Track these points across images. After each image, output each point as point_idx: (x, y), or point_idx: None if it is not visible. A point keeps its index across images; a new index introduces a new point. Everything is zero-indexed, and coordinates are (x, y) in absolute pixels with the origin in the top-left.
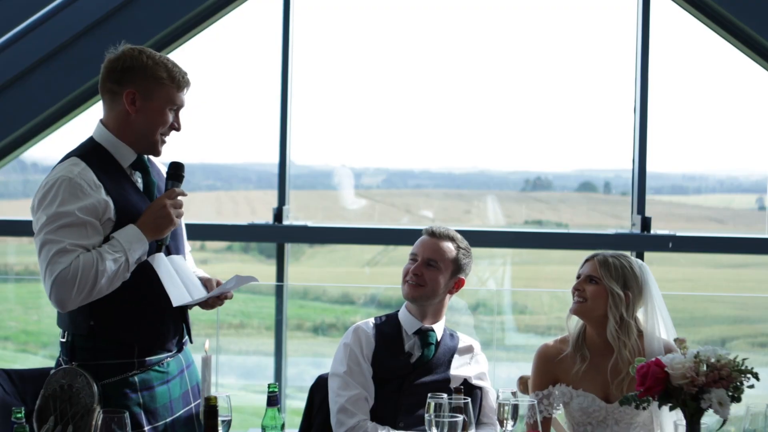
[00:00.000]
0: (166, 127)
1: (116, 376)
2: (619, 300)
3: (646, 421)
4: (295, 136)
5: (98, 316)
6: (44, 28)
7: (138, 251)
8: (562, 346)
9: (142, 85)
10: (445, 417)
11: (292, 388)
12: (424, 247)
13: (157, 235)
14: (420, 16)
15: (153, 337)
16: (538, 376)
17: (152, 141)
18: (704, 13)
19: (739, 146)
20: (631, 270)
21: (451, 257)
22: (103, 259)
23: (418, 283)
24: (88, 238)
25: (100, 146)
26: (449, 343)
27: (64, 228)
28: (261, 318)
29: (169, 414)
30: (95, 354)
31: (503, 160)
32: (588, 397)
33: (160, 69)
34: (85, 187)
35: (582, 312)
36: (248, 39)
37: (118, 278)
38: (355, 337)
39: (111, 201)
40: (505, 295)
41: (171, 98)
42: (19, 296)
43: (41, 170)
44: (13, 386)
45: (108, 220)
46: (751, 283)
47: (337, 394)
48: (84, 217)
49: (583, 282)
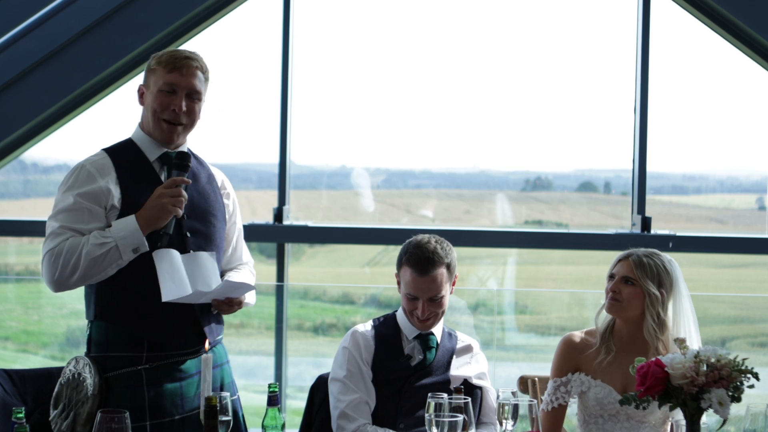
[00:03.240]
0: (165, 110)
1: (123, 368)
2: (656, 299)
3: (657, 422)
4: (295, 136)
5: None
6: (44, 28)
7: (129, 240)
8: (589, 338)
9: (144, 78)
10: (445, 417)
11: (292, 388)
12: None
13: (153, 224)
14: (421, 17)
15: (162, 332)
16: (559, 362)
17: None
18: (704, 13)
19: (740, 146)
20: (663, 268)
21: (446, 277)
22: (88, 243)
23: (428, 318)
24: (84, 222)
25: (132, 142)
26: (448, 345)
27: (63, 212)
28: (261, 318)
29: (177, 412)
30: (107, 347)
31: (503, 160)
32: (606, 388)
33: (154, 59)
34: (93, 173)
35: (617, 311)
36: (248, 39)
37: (108, 264)
38: (354, 341)
39: (119, 190)
40: (506, 294)
41: (160, 80)
42: (19, 296)
43: (41, 170)
44: (14, 386)
45: (112, 208)
46: (752, 283)
47: (338, 399)
48: (83, 202)
49: (618, 283)
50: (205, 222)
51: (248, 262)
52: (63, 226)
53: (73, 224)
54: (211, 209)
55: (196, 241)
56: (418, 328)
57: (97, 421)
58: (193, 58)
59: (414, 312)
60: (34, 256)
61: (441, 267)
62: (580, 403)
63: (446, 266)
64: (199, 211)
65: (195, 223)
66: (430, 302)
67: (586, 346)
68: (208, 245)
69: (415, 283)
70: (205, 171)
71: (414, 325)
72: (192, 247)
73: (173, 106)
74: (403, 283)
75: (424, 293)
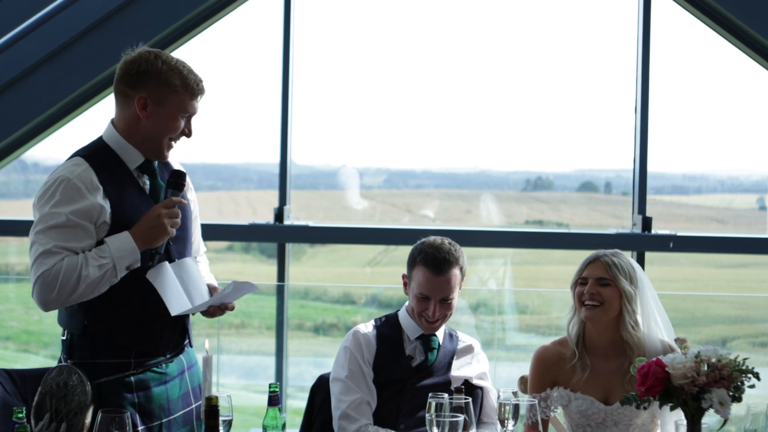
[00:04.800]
0: (176, 133)
1: (112, 375)
2: (631, 297)
3: (646, 422)
4: (295, 136)
5: (91, 317)
6: (44, 28)
7: (127, 260)
8: (561, 348)
9: (154, 90)
10: (446, 417)
11: (293, 388)
12: (436, 289)
13: (149, 244)
14: (421, 17)
15: (149, 341)
16: (536, 378)
17: (159, 146)
18: (705, 13)
19: (740, 146)
20: (630, 265)
21: (458, 279)
22: (87, 265)
23: (438, 319)
24: (77, 240)
25: (108, 147)
26: (449, 346)
27: (54, 229)
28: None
29: (165, 414)
30: (92, 353)
31: (504, 160)
32: (587, 399)
33: (174, 76)
34: (82, 189)
35: (597, 316)
36: (249, 39)
37: (104, 283)
38: (356, 340)
39: (108, 204)
40: (506, 294)
41: (183, 106)
42: (20, 296)
43: (42, 170)
44: (14, 386)
45: (103, 224)
46: (752, 283)
47: (339, 399)
48: (75, 219)
49: (594, 285)
50: (182, 227)
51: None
52: (57, 246)
53: (67, 243)
54: (185, 211)
55: (177, 248)
56: (424, 329)
57: (98, 420)
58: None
59: (424, 313)
60: None
61: (455, 268)
62: (565, 415)
63: (459, 268)
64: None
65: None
66: (441, 303)
67: (560, 359)
68: (187, 249)
69: (429, 284)
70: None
71: (420, 326)
72: (175, 255)
73: (187, 131)
74: (414, 284)
75: (437, 293)
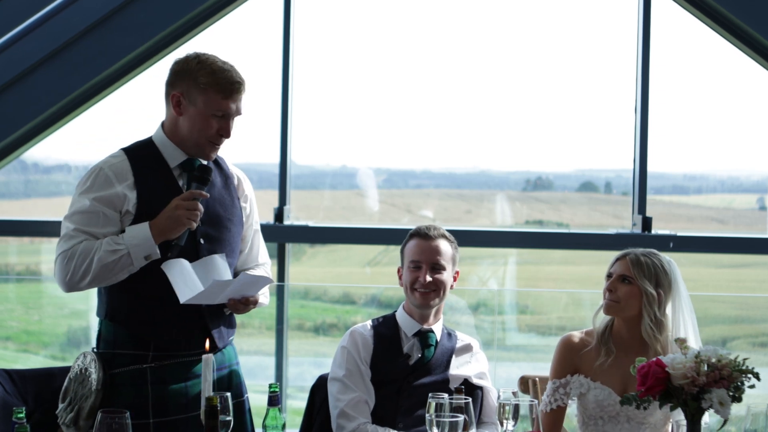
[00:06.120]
0: (210, 132)
1: (129, 366)
2: (653, 299)
3: (658, 423)
4: (295, 136)
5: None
6: (44, 28)
7: (142, 248)
8: (588, 338)
9: (186, 89)
10: (445, 417)
11: (293, 388)
12: (426, 252)
13: (165, 235)
14: (421, 17)
15: (167, 335)
16: (558, 364)
17: (199, 145)
18: (705, 13)
19: (740, 146)
20: (661, 267)
21: (450, 255)
22: (101, 249)
23: (430, 290)
24: (99, 226)
25: (153, 144)
26: (447, 344)
27: (77, 214)
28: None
29: (181, 412)
30: (114, 344)
31: (504, 160)
32: (605, 390)
33: (204, 74)
34: (111, 178)
35: (614, 311)
36: (249, 39)
37: (120, 270)
38: (353, 340)
39: (135, 195)
40: (506, 294)
41: (214, 105)
42: (20, 296)
43: (42, 170)
44: (14, 386)
45: (127, 213)
46: (752, 283)
47: (337, 399)
48: (98, 206)
49: (615, 282)
50: (220, 228)
51: (265, 263)
52: (77, 229)
53: (88, 227)
54: (227, 214)
55: (210, 248)
56: (419, 303)
57: (98, 420)
58: (243, 81)
59: (416, 283)
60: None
61: (445, 240)
62: (579, 405)
63: (449, 242)
64: (214, 218)
65: (209, 230)
66: (433, 271)
67: (585, 347)
68: (221, 250)
69: (418, 248)
70: (222, 174)
71: (415, 302)
72: (205, 253)
73: (222, 131)
74: (406, 256)
75: (427, 258)
